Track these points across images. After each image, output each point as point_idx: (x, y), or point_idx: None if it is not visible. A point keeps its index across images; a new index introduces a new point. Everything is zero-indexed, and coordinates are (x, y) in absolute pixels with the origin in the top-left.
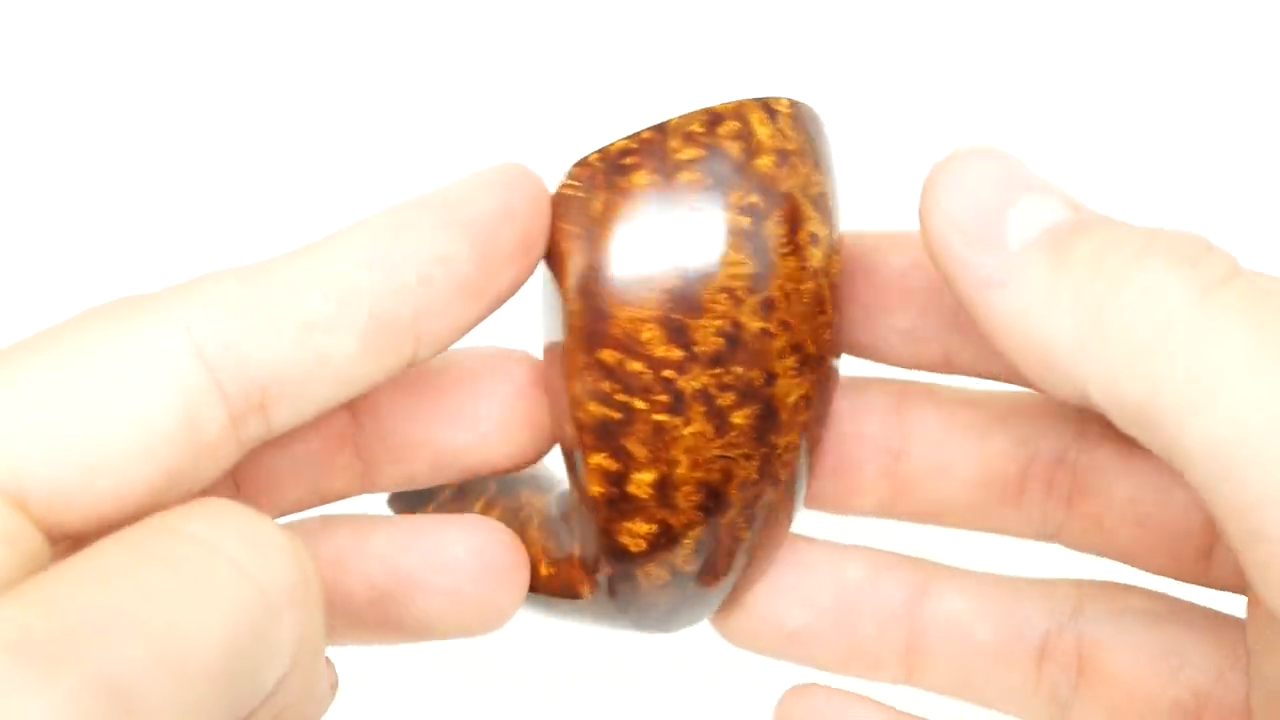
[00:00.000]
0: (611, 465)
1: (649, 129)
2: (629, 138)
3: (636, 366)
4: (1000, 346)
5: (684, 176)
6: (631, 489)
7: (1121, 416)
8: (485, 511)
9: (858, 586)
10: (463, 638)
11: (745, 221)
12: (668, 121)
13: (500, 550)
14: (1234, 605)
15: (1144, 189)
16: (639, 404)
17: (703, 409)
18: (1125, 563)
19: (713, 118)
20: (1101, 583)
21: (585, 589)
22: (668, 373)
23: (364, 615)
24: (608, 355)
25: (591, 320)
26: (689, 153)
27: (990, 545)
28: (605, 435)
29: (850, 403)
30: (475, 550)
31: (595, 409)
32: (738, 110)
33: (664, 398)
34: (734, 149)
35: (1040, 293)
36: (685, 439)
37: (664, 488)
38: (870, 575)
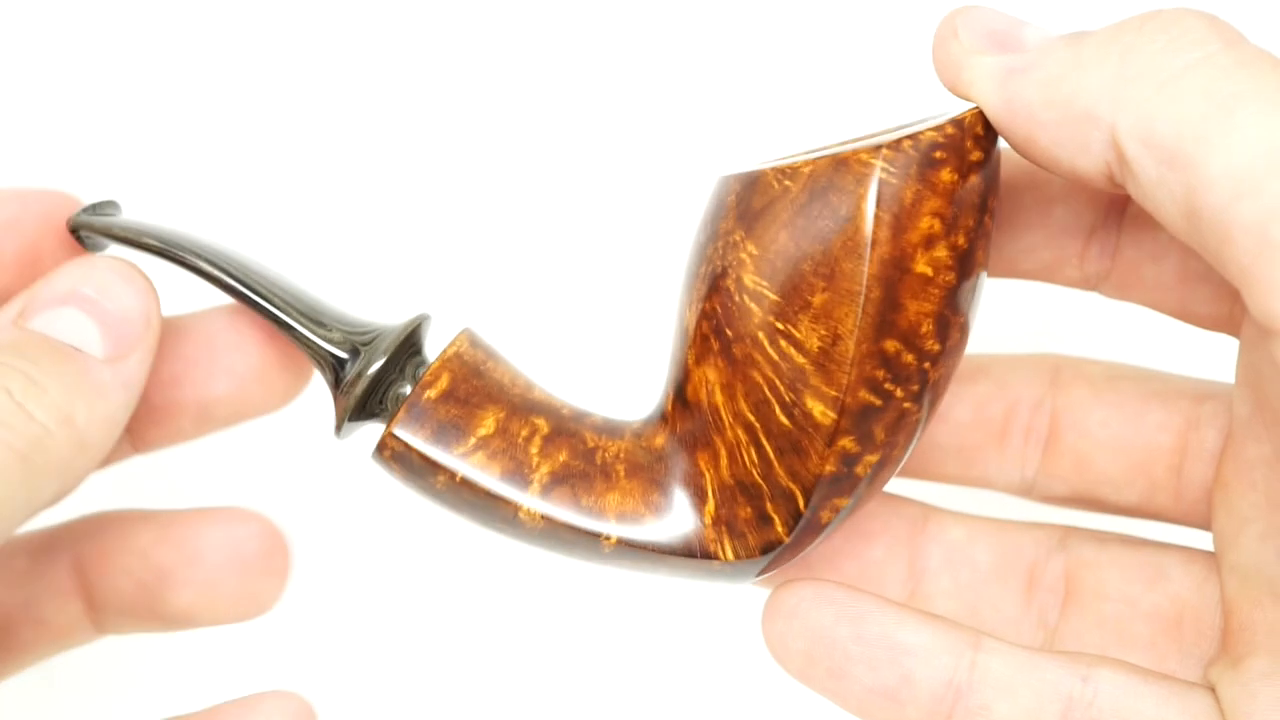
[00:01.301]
0: (853, 448)
1: (949, 122)
2: (934, 129)
3: (909, 358)
4: (1025, 132)
5: (973, 180)
6: (859, 469)
7: (1148, 154)
8: (544, 447)
9: (866, 514)
10: (228, 624)
11: (990, 225)
12: (963, 116)
13: (256, 542)
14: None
15: None
16: (899, 392)
17: (931, 397)
18: (1100, 504)
19: (987, 121)
20: (1083, 527)
21: (728, 553)
22: (927, 364)
23: (132, 607)
24: (890, 345)
25: (887, 309)
26: (976, 155)
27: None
28: (862, 420)
29: None
30: (227, 544)
31: (863, 395)
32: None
33: (915, 387)
34: (994, 153)
35: (1066, 63)
36: (913, 425)
37: (880, 467)
38: (876, 505)
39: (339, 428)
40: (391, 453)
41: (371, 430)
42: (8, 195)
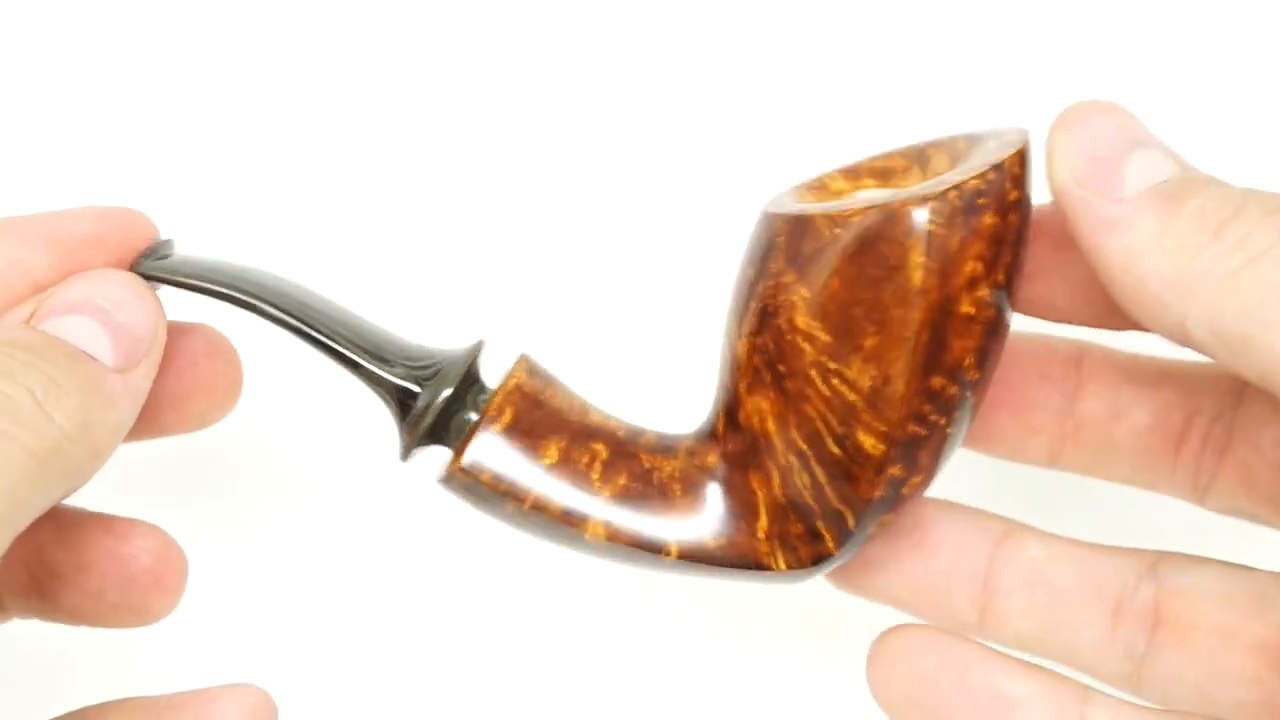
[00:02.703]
0: (900, 474)
1: (991, 168)
2: (977, 177)
3: (953, 390)
4: (1110, 283)
5: (1012, 219)
6: (905, 491)
7: (1216, 344)
8: (604, 472)
9: (934, 522)
10: (119, 629)
11: (1025, 254)
12: (1003, 160)
13: (147, 558)
14: None
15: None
16: (941, 421)
17: (971, 416)
18: (1267, 520)
19: (1023, 157)
20: (1179, 553)
21: (780, 564)
22: (969, 392)
23: (26, 598)
24: (936, 381)
25: (934, 350)
26: (1014, 195)
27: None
28: (909, 449)
29: (1034, 349)
30: (117, 556)
31: (911, 428)
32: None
33: (957, 414)
34: (1029, 189)
35: (1149, 237)
36: (953, 442)
37: (922, 485)
38: (947, 515)
39: (406, 454)
40: (460, 483)
41: (432, 452)
42: (92, 214)
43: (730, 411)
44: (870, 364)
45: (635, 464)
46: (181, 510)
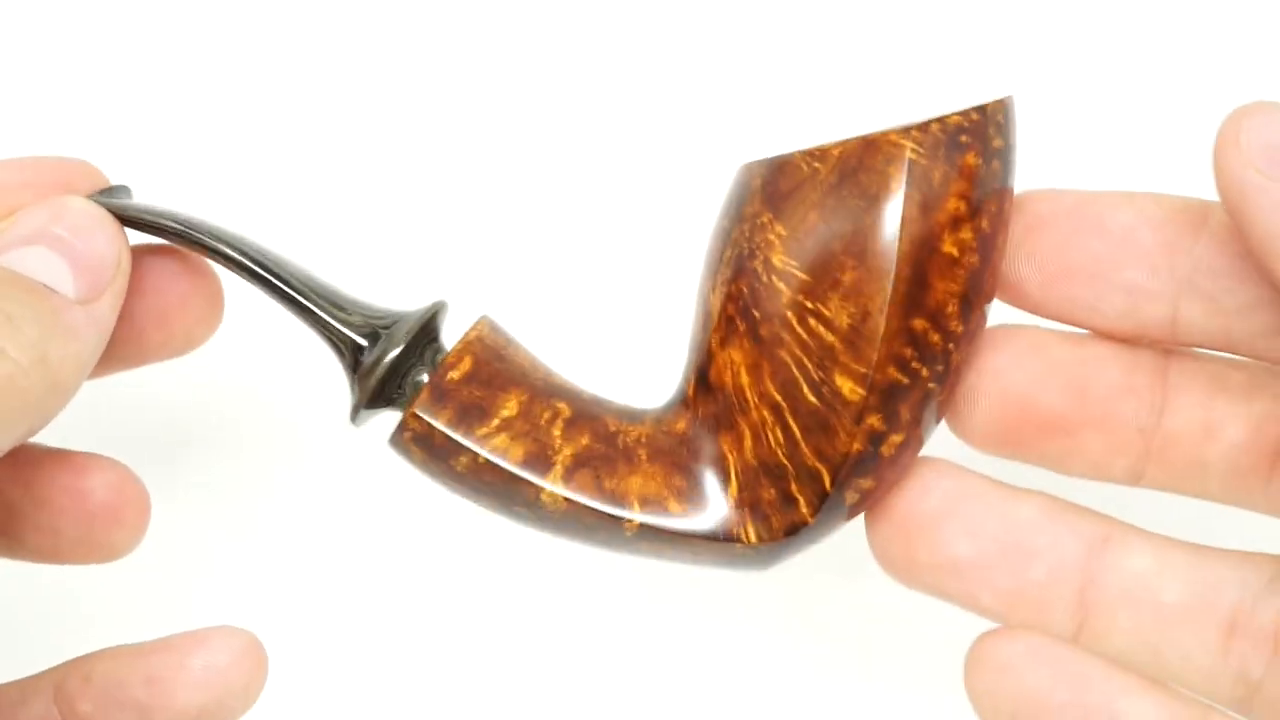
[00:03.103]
0: (880, 426)
1: (974, 109)
2: (960, 114)
3: (936, 338)
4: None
5: (995, 165)
6: (884, 449)
7: None
8: (566, 430)
9: (1030, 526)
10: (82, 565)
11: (1008, 214)
12: (986, 104)
13: (105, 493)
14: None
15: None
16: (924, 372)
17: (952, 380)
18: None
19: (1007, 108)
20: None
21: (751, 536)
22: (951, 345)
23: None
24: (918, 323)
25: (916, 287)
26: (998, 142)
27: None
28: (889, 397)
29: (1118, 357)
30: (73, 491)
31: (891, 372)
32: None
33: (940, 368)
34: (1013, 142)
35: None
36: (935, 406)
37: (904, 448)
38: (1045, 517)
39: (355, 414)
40: (413, 434)
41: (386, 419)
42: (29, 162)
43: (702, 371)
44: (849, 300)
45: (600, 425)
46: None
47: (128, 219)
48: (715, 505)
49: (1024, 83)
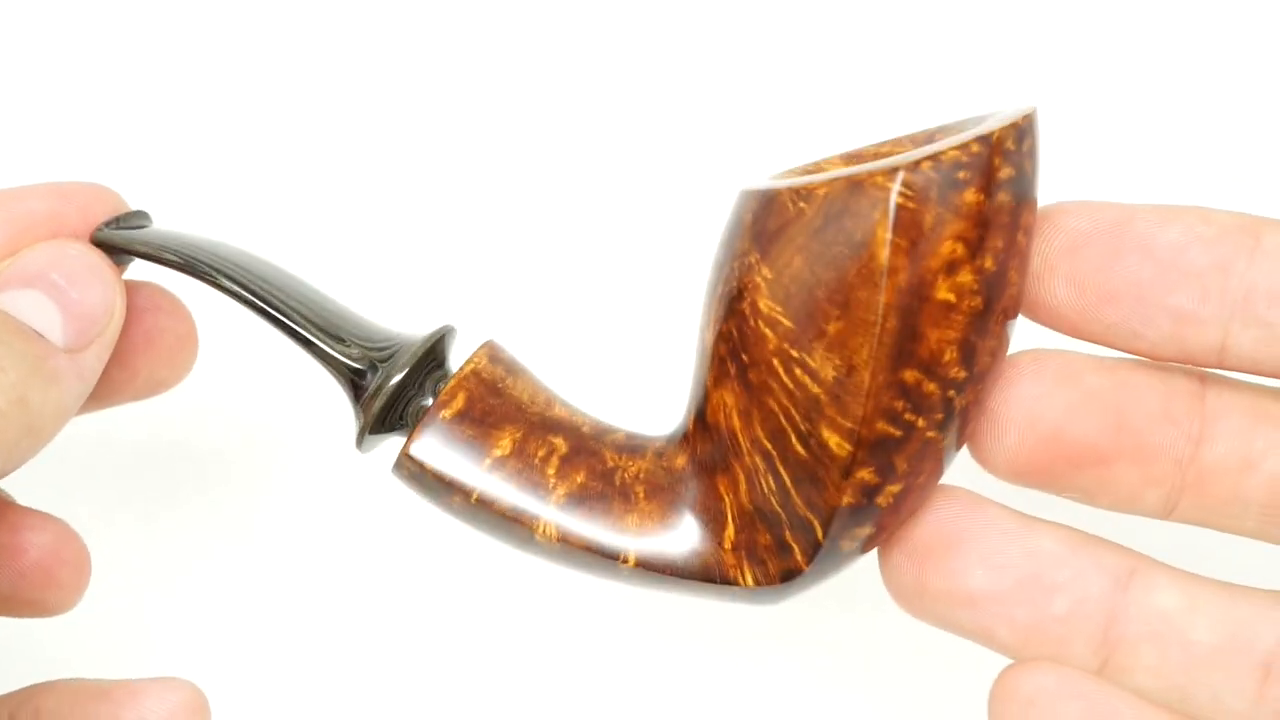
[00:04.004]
0: (872, 480)
1: (975, 139)
2: (958, 148)
3: (931, 388)
4: None
5: (1001, 197)
6: (880, 500)
7: None
8: (561, 468)
9: (1052, 559)
10: (17, 618)
11: (1025, 243)
12: (991, 132)
13: (37, 552)
14: None
15: None
16: (920, 422)
17: (960, 424)
18: None
19: (1020, 131)
20: None
21: (748, 579)
22: (952, 392)
23: None
24: (909, 375)
25: (905, 339)
26: (1005, 171)
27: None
28: (879, 451)
29: (1153, 384)
30: (7, 546)
31: (881, 427)
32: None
33: (939, 416)
34: (1028, 167)
35: None
36: (940, 453)
37: (903, 496)
38: (1067, 550)
39: (359, 441)
40: (407, 472)
41: (394, 443)
42: (51, 189)
43: (700, 409)
44: (833, 352)
45: (596, 461)
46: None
47: (132, 252)
48: (711, 546)
49: (1053, 84)
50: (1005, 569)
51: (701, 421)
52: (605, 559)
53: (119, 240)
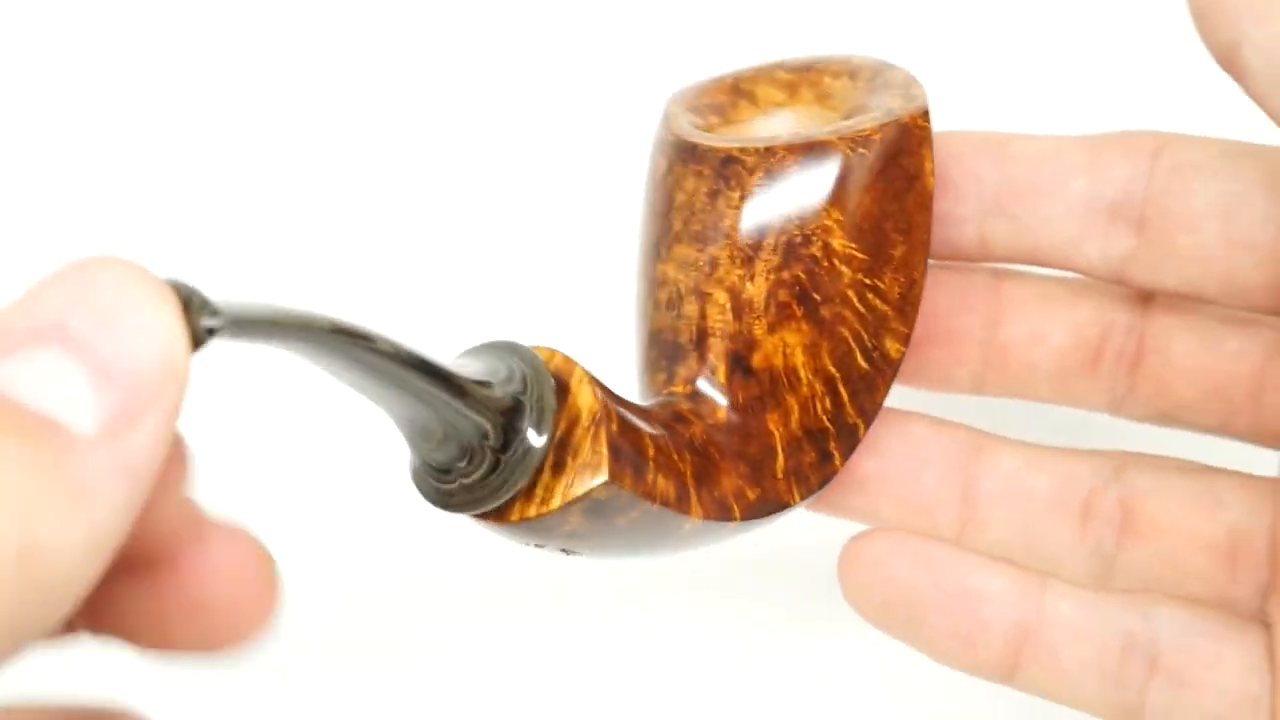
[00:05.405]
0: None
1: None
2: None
3: None
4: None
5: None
6: None
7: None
8: (597, 427)
9: (921, 440)
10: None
11: None
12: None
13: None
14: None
15: None
16: None
17: None
18: (1183, 423)
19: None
20: (1141, 453)
21: (796, 497)
22: None
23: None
24: None
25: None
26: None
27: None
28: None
29: (956, 279)
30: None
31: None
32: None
33: None
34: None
35: None
36: None
37: None
38: (932, 431)
39: (501, 495)
40: (589, 503)
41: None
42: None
43: (739, 359)
44: (900, 272)
45: (689, 438)
46: None
47: (247, 329)
48: (770, 480)
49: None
50: (887, 452)
51: (743, 370)
52: (720, 524)
53: (226, 320)
